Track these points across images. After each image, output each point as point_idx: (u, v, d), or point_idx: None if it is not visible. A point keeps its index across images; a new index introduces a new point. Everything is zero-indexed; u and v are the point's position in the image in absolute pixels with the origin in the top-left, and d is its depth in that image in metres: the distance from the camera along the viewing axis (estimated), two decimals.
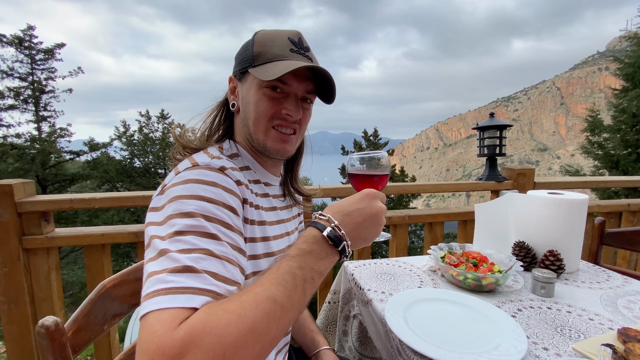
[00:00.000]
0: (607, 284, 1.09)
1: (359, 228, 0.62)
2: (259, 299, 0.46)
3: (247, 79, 0.75)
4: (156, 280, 0.47)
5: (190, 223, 0.53)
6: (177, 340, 0.40)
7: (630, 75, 9.69)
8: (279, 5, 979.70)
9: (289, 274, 0.51)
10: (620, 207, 2.21)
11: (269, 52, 0.72)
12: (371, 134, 19.27)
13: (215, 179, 0.61)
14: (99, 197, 1.51)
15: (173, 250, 0.50)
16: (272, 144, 0.75)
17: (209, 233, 0.53)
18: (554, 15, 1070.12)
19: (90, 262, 1.54)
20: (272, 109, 0.73)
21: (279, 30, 0.76)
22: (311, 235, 0.58)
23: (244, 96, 0.76)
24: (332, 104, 0.80)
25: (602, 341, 0.73)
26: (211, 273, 0.49)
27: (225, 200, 0.59)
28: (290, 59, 0.71)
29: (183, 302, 0.44)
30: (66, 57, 15.45)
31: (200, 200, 0.56)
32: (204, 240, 0.52)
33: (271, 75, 0.67)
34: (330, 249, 0.57)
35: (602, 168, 9.77)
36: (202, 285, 0.47)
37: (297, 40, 0.74)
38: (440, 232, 1.95)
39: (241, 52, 0.77)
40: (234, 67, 0.80)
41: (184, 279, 0.47)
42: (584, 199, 1.15)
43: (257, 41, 0.74)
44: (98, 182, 15.37)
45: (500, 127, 1.99)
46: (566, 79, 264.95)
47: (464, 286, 1.03)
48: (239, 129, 0.80)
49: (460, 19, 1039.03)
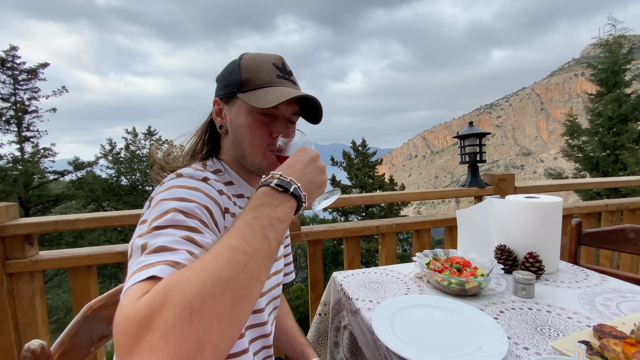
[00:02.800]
0: (585, 283, 1.13)
1: (304, 173, 0.63)
2: (218, 250, 0.44)
3: (235, 103, 0.79)
4: (131, 270, 0.46)
5: (169, 218, 0.54)
6: (141, 305, 0.38)
7: (604, 81, 10.13)
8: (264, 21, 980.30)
9: (243, 224, 0.50)
10: (598, 208, 2.29)
11: (257, 79, 0.76)
12: (359, 144, 19.48)
13: (198, 185, 0.64)
14: (84, 217, 1.50)
15: (149, 240, 0.50)
16: (267, 164, 0.79)
17: (188, 226, 0.54)
18: (529, 25, 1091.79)
19: (75, 285, 1.51)
20: (266, 134, 0.77)
21: (263, 55, 0.80)
22: (260, 191, 0.58)
23: (232, 119, 0.79)
24: (318, 117, 0.84)
25: (578, 338, 0.77)
26: (189, 252, 0.49)
27: (205, 204, 0.61)
28: (278, 85, 0.77)
29: (154, 273, 0.43)
30: (50, 77, 15.27)
31: (180, 201, 0.58)
32: (182, 232, 0.52)
33: (266, 103, 0.71)
34: (282, 196, 0.57)
35: (583, 170, 10.09)
36: (177, 259, 0.46)
37: (281, 66, 0.80)
38: (427, 239, 1.99)
39: (227, 76, 0.80)
40: (219, 90, 0.82)
41: (156, 257, 0.46)
42: (558, 201, 1.20)
43: (245, 67, 0.77)
44: (83, 202, 15.02)
45: (479, 135, 2.06)
46: (544, 85, 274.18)
47: (448, 291, 1.06)
48: (227, 149, 0.83)
49: (441, 31, 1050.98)
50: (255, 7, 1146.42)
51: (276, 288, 0.92)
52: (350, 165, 19.23)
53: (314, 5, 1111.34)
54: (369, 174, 18.79)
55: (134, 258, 0.50)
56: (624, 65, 9.99)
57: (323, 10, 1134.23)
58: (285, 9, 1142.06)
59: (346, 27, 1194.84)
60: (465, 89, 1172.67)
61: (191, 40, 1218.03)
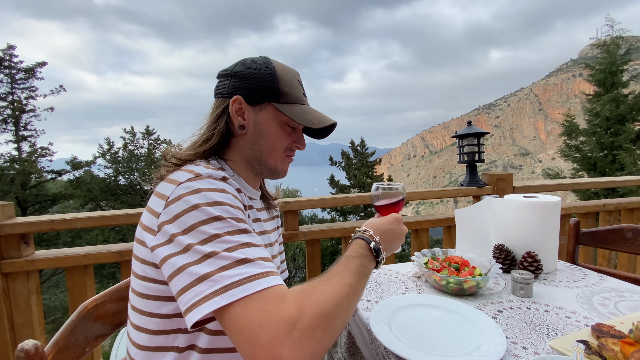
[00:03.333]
0: (583, 282, 1.13)
1: (389, 243, 0.81)
2: (342, 283, 0.58)
3: (265, 109, 0.80)
4: (218, 279, 0.52)
5: (222, 225, 0.58)
6: (292, 310, 0.49)
7: (601, 81, 10.16)
8: (263, 21, 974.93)
9: (357, 267, 0.65)
10: (596, 208, 2.30)
11: (293, 95, 0.81)
12: (358, 144, 19.48)
13: (223, 187, 0.65)
14: (81, 217, 1.49)
15: (219, 250, 0.55)
16: (282, 167, 0.86)
17: (241, 229, 0.60)
18: (528, 26, 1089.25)
19: (72, 285, 1.50)
20: (288, 142, 0.84)
21: (288, 68, 0.84)
22: (363, 244, 0.73)
23: (259, 123, 0.80)
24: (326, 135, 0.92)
25: (577, 337, 0.76)
26: (261, 258, 0.57)
27: (237, 204, 0.65)
28: (305, 104, 0.85)
29: (267, 284, 0.53)
30: (48, 76, 15.22)
31: (221, 206, 0.61)
32: (240, 236, 0.58)
33: (311, 123, 0.79)
34: (372, 257, 0.73)
35: (581, 170, 10.12)
36: (263, 270, 0.55)
37: (301, 83, 0.86)
38: (426, 239, 1.99)
39: (257, 79, 0.78)
40: (241, 89, 0.79)
41: (247, 269, 0.54)
42: (557, 201, 1.20)
43: (283, 79, 0.79)
44: (81, 202, 14.96)
45: (478, 134, 2.06)
46: (543, 85, 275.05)
47: (446, 290, 1.05)
48: (241, 149, 0.82)
49: (439, 31, 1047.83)
50: (253, 6, 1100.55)
51: None
52: (349, 165, 19.23)
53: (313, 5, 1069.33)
54: (367, 173, 18.79)
55: (204, 264, 0.54)
56: (622, 66, 10.02)
57: (322, 10, 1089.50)
58: (283, 8, 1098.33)
59: (345, 27, 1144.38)
60: (464, 89, 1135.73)
61: (190, 39, 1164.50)
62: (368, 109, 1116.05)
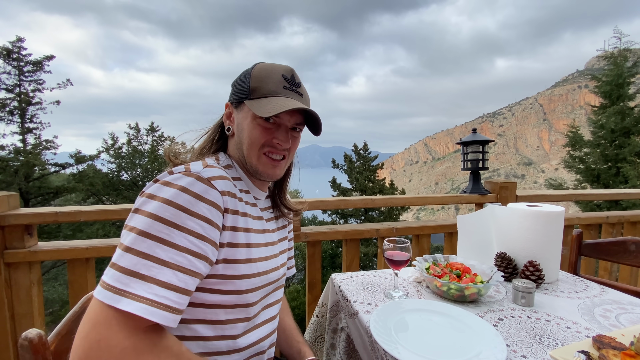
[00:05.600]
0: (585, 293, 1.13)
1: None
2: None
3: (243, 109, 0.83)
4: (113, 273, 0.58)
5: (159, 229, 0.61)
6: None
7: (607, 93, 10.13)
8: (270, 22, 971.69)
9: None
10: (599, 219, 2.28)
11: (263, 88, 0.80)
12: (361, 148, 19.49)
13: (198, 190, 0.67)
14: (84, 210, 1.50)
15: (135, 248, 0.59)
16: (263, 168, 0.83)
17: (173, 243, 0.62)
18: (534, 35, 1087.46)
19: (73, 277, 1.50)
20: (264, 137, 0.82)
21: (274, 65, 0.84)
22: None
23: (239, 123, 0.84)
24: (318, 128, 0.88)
25: (578, 348, 0.76)
26: (159, 282, 0.59)
27: (202, 212, 0.67)
28: (282, 96, 0.81)
29: (124, 306, 0.55)
30: (55, 69, 15.31)
31: (177, 209, 0.64)
32: (164, 248, 0.61)
33: (265, 112, 0.76)
34: None
35: (584, 181, 10.07)
36: (146, 295, 0.57)
37: (290, 77, 0.83)
38: (427, 244, 1.98)
39: (239, 82, 0.85)
40: (231, 95, 0.87)
41: (133, 284, 0.57)
42: (560, 211, 1.20)
43: (254, 76, 0.82)
44: (83, 196, 15.01)
45: (482, 142, 2.06)
46: (548, 96, 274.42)
47: (447, 296, 1.05)
48: (232, 150, 0.87)
49: (446, 38, 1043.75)
50: (261, 7, 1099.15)
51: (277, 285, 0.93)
52: (352, 168, 19.22)
53: (320, 8, 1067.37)
54: (369, 177, 18.77)
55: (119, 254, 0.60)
56: (628, 79, 9.99)
57: (329, 14, 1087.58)
58: (291, 10, 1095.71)
59: (351, 31, 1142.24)
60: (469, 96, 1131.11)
61: (196, 38, 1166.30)
62: (372, 113, 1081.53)
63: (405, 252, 1.06)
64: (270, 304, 0.91)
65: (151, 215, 0.62)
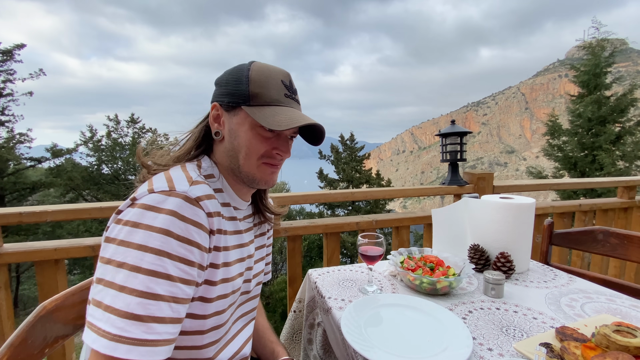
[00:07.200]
0: (553, 283, 1.16)
1: None
2: None
3: (238, 114, 0.76)
4: (107, 318, 0.55)
5: (151, 261, 0.58)
6: None
7: (585, 83, 10.39)
8: (254, 9, 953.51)
9: None
10: (572, 208, 2.35)
11: (265, 95, 0.74)
12: (347, 138, 19.50)
13: (187, 214, 0.63)
14: (51, 209, 1.44)
15: (128, 287, 0.56)
16: (261, 176, 0.79)
17: (166, 274, 0.59)
18: (517, 25, 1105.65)
19: (42, 280, 1.45)
20: (265, 147, 0.77)
21: (271, 68, 0.77)
22: None
23: (233, 129, 0.77)
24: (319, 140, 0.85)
25: (541, 340, 0.78)
26: (157, 319, 0.57)
27: (192, 236, 0.63)
28: (285, 105, 0.76)
29: (123, 354, 0.53)
30: (27, 59, 14.64)
31: (167, 236, 0.60)
32: (158, 281, 0.58)
33: (276, 125, 0.71)
34: None
35: (562, 169, 10.38)
36: (145, 336, 0.55)
37: (289, 84, 0.79)
38: (406, 236, 2.00)
39: (232, 83, 0.77)
40: (220, 95, 0.78)
41: (130, 327, 0.54)
42: (531, 203, 1.22)
43: (254, 80, 0.74)
44: (62, 191, 14.57)
45: (460, 133, 2.07)
46: (530, 85, 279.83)
47: (420, 290, 1.06)
48: (221, 156, 0.80)
49: (431, 27, 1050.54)
50: None
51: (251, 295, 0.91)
52: (338, 159, 19.26)
53: None
54: (356, 168, 18.87)
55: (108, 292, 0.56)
56: (605, 68, 10.25)
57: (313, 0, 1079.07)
58: None
59: (337, 19, 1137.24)
60: (454, 86, 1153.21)
61: (177, 26, 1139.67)
62: (359, 102, 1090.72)
63: (379, 247, 1.05)
64: (244, 314, 0.89)
65: (140, 248, 0.58)
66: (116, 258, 0.58)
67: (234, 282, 0.77)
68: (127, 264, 0.57)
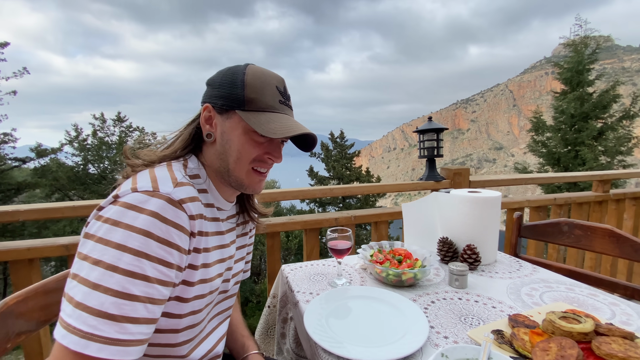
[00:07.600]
0: (517, 273, 1.20)
1: None
2: None
3: (232, 117, 0.75)
4: (79, 315, 0.54)
5: (129, 261, 0.57)
6: None
7: (568, 80, 10.60)
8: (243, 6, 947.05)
9: None
10: (547, 202, 2.42)
11: (261, 101, 0.75)
12: (338, 136, 19.56)
13: (169, 216, 0.62)
14: (23, 209, 1.42)
15: (103, 285, 0.55)
16: (249, 182, 0.79)
17: (144, 275, 0.58)
18: (505, 23, 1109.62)
19: (17, 279, 1.44)
20: (256, 152, 0.77)
21: (266, 73, 0.77)
22: None
23: (225, 132, 0.76)
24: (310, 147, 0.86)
25: (493, 327, 0.81)
26: (131, 319, 0.56)
27: (173, 239, 0.63)
28: (279, 112, 0.77)
29: (94, 352, 0.53)
30: (10, 57, 14.24)
31: (147, 237, 0.59)
32: (135, 282, 0.57)
33: (271, 132, 0.72)
34: None
35: (546, 164, 10.59)
36: (118, 336, 0.55)
37: (283, 90, 0.79)
38: (385, 230, 2.04)
39: (226, 86, 0.76)
40: (212, 97, 0.77)
41: (102, 326, 0.54)
42: (497, 196, 1.26)
43: (249, 85, 0.74)
44: (47, 191, 14.28)
45: (437, 130, 2.11)
46: (517, 82, 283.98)
47: (387, 282, 1.09)
48: (210, 158, 0.79)
49: (421, 25, 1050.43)
50: None
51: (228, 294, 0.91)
52: (328, 156, 19.30)
53: None
54: (346, 165, 18.94)
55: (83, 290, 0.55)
56: (589, 65, 10.47)
57: None
58: None
59: (327, 16, 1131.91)
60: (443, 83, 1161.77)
61: (165, 23, 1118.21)
62: (350, 100, 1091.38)
63: (347, 240, 1.08)
64: (219, 312, 0.89)
65: (119, 247, 0.57)
66: (93, 255, 0.57)
67: (212, 282, 0.77)
68: (104, 262, 0.56)
